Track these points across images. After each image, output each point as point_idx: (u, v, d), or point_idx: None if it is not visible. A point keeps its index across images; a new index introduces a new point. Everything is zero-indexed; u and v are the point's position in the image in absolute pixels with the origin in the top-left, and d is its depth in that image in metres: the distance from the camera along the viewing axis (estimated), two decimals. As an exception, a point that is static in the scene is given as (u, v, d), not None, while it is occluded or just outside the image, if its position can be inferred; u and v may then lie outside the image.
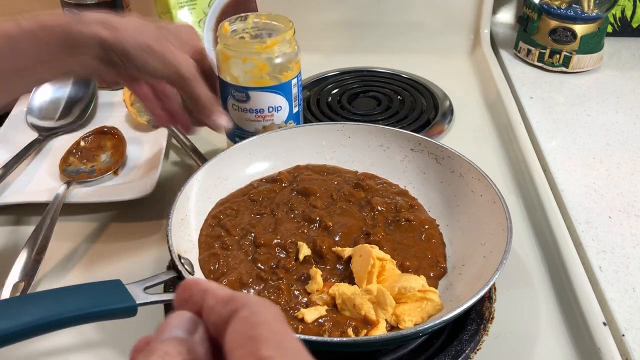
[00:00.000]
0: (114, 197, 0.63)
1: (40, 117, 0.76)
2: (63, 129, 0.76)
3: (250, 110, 0.63)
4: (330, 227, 0.55)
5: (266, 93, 0.62)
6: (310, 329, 0.45)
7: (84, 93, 0.80)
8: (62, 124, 0.76)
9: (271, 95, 0.63)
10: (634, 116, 0.77)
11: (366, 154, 0.64)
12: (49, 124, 0.76)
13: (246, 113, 0.64)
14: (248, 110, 0.63)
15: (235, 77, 0.62)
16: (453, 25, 0.97)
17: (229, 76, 0.62)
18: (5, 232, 0.62)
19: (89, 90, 0.80)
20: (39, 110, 0.77)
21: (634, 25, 0.97)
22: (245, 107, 0.63)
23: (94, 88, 0.80)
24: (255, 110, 0.63)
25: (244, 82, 0.62)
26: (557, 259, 0.56)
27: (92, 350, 0.49)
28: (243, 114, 0.64)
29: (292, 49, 0.63)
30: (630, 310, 0.51)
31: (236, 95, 0.63)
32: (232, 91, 0.63)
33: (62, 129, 0.76)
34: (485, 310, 0.50)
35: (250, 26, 0.64)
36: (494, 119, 0.80)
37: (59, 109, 0.78)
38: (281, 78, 0.62)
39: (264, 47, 0.60)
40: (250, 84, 0.62)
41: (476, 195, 0.56)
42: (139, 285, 0.42)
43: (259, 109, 0.63)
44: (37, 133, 0.74)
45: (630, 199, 0.63)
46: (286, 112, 0.65)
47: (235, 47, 0.61)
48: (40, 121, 0.76)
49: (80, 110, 0.78)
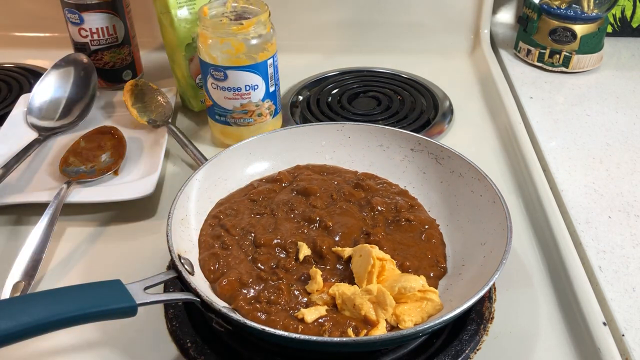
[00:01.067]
0: (114, 197, 0.63)
1: (40, 117, 0.76)
2: (63, 129, 0.76)
3: (228, 88, 0.68)
4: (330, 227, 0.55)
5: (243, 72, 0.67)
6: (310, 329, 0.45)
7: (84, 93, 0.80)
8: (62, 124, 0.76)
9: (248, 74, 0.67)
10: (634, 116, 0.78)
11: (366, 154, 0.64)
12: (49, 124, 0.76)
13: (224, 91, 0.68)
14: (226, 88, 0.68)
15: (213, 57, 0.66)
16: (453, 25, 0.97)
17: (208, 56, 0.67)
18: (5, 232, 0.62)
19: (89, 90, 0.80)
20: (39, 110, 0.77)
21: (633, 25, 0.97)
22: (223, 85, 0.68)
23: (94, 88, 0.80)
24: (232, 88, 0.68)
25: (222, 62, 0.66)
26: (557, 259, 0.56)
27: (92, 350, 0.49)
28: (222, 92, 0.69)
29: (268, 30, 0.68)
30: (630, 310, 0.51)
31: (215, 75, 0.68)
32: (211, 70, 0.68)
33: (62, 129, 0.76)
34: (485, 310, 0.50)
35: (229, 10, 0.69)
36: (494, 119, 0.80)
37: (59, 109, 0.78)
38: (257, 58, 0.67)
39: (240, 28, 0.65)
40: (228, 63, 0.66)
41: (476, 195, 0.56)
42: (139, 285, 0.42)
43: (236, 87, 0.68)
44: (37, 133, 0.74)
45: (630, 199, 0.63)
46: (263, 90, 0.69)
47: (213, 29, 0.65)
48: (40, 121, 0.76)
49: (80, 110, 0.78)
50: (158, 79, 0.88)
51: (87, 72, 0.81)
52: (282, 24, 0.76)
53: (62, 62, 0.81)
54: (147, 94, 0.79)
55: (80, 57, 0.81)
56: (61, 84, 0.80)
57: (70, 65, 0.81)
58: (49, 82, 0.79)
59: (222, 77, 0.67)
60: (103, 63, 0.83)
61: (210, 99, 0.70)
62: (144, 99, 0.79)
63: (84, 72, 0.81)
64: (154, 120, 0.76)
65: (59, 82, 0.80)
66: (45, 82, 0.79)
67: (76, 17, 0.79)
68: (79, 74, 0.80)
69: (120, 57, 0.84)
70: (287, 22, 0.83)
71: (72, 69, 0.81)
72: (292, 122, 0.79)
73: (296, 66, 0.90)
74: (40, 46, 0.99)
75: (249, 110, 0.70)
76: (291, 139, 0.64)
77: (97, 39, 0.81)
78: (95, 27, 0.80)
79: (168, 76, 0.86)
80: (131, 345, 0.50)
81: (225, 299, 0.48)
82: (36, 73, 0.89)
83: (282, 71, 0.73)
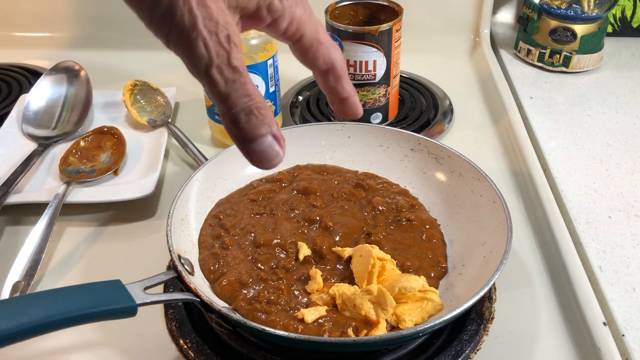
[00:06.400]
0: (114, 197, 0.63)
1: (37, 125, 0.74)
2: (61, 137, 0.74)
3: None
4: (331, 227, 0.55)
5: None
6: (310, 329, 0.45)
7: (79, 101, 0.78)
8: (60, 133, 0.74)
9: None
10: (634, 116, 0.77)
11: (366, 153, 0.64)
12: (46, 133, 0.74)
13: None
14: None
15: None
16: (453, 25, 0.97)
17: None
18: (5, 232, 0.62)
19: (84, 97, 0.78)
20: (34, 117, 0.75)
21: (634, 25, 0.97)
22: None
23: (88, 93, 0.79)
24: None
25: None
26: (557, 259, 0.56)
27: (92, 350, 0.49)
28: None
29: None
30: (630, 310, 0.51)
31: None
32: None
33: (60, 137, 0.74)
34: (485, 310, 0.50)
35: None
36: (494, 119, 0.80)
37: (54, 117, 0.76)
38: (257, 58, 0.67)
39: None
40: None
41: (476, 195, 0.56)
42: (139, 285, 0.42)
43: None
44: (35, 143, 0.72)
45: (630, 199, 0.63)
46: (262, 91, 0.69)
47: None
48: (37, 130, 0.74)
49: (77, 116, 0.76)
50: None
51: (80, 80, 0.80)
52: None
53: (53, 71, 0.80)
54: (147, 94, 0.79)
55: (71, 65, 0.80)
56: (55, 92, 0.78)
57: (62, 72, 0.80)
58: (43, 90, 0.78)
59: None
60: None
61: (210, 100, 0.70)
62: (144, 99, 0.79)
63: (76, 80, 0.80)
64: (154, 120, 0.76)
65: (52, 90, 0.78)
66: (39, 89, 0.78)
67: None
68: (71, 82, 0.80)
69: (373, 98, 0.73)
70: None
71: (65, 77, 0.80)
72: (292, 122, 0.78)
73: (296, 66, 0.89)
74: (40, 46, 0.99)
75: (249, 110, 0.70)
76: (291, 139, 0.63)
77: (353, 72, 0.70)
78: (354, 59, 0.69)
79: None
80: (131, 345, 0.50)
81: (225, 299, 0.48)
82: (36, 73, 0.89)
83: (282, 71, 0.73)
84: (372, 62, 0.69)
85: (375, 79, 0.71)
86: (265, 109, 0.34)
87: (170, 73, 0.82)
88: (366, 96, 0.72)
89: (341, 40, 0.69)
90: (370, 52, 0.68)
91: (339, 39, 0.69)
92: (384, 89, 0.72)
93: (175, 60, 0.33)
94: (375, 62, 0.69)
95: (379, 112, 0.75)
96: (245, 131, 0.33)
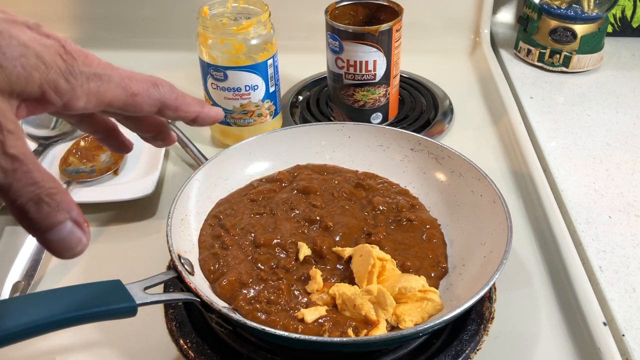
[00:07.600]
0: (114, 197, 0.63)
1: (36, 125, 0.74)
2: (61, 137, 0.74)
3: (228, 88, 0.68)
4: (331, 227, 0.55)
5: (243, 72, 0.67)
6: (310, 329, 0.45)
7: None
8: (60, 133, 0.74)
9: (248, 74, 0.67)
10: (634, 116, 0.77)
11: (366, 153, 0.64)
12: (46, 133, 0.74)
13: (224, 92, 0.69)
14: (226, 88, 0.68)
15: (213, 57, 0.67)
16: (453, 25, 0.97)
17: (208, 56, 0.67)
18: (5, 232, 0.62)
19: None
20: (34, 116, 0.75)
21: (634, 25, 0.97)
22: (223, 85, 0.68)
23: None
24: (232, 88, 0.68)
25: (222, 62, 0.67)
26: (557, 259, 0.56)
27: (92, 350, 0.49)
28: (222, 93, 0.69)
29: (268, 30, 0.68)
30: (630, 310, 0.51)
31: (215, 75, 0.68)
32: (210, 70, 0.68)
33: (60, 137, 0.73)
34: (485, 310, 0.50)
35: (229, 10, 0.69)
36: (494, 118, 0.80)
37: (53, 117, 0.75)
38: (257, 58, 0.67)
39: (240, 28, 0.65)
40: (228, 63, 0.67)
41: (476, 195, 0.56)
42: (139, 285, 0.42)
43: (236, 88, 0.68)
44: (35, 143, 0.72)
45: (630, 199, 0.63)
46: (263, 91, 0.69)
47: (213, 29, 0.65)
48: (37, 130, 0.74)
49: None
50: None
51: None
52: (282, 24, 0.76)
53: None
54: (147, 94, 0.79)
55: None
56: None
57: None
58: None
59: (222, 78, 0.67)
60: (353, 100, 0.73)
61: (210, 99, 0.70)
62: (144, 99, 0.78)
63: None
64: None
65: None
66: None
67: (336, 45, 0.69)
68: None
69: (373, 98, 0.73)
70: (287, 22, 0.83)
71: None
72: (292, 122, 0.78)
73: (296, 66, 0.90)
74: (40, 46, 0.99)
75: (248, 110, 0.70)
76: (291, 139, 0.64)
77: (353, 72, 0.70)
78: (354, 59, 0.69)
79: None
80: (131, 345, 0.50)
81: (225, 299, 0.48)
82: (36, 73, 0.89)
83: (282, 71, 0.73)
84: (372, 62, 0.69)
85: (375, 79, 0.71)
86: (60, 194, 0.31)
87: (170, 73, 0.81)
88: (366, 96, 0.72)
89: (341, 40, 0.68)
90: (370, 52, 0.68)
91: (339, 39, 0.69)
92: (384, 89, 0.72)
93: (176, 61, 0.34)
94: (375, 62, 0.69)
95: (379, 112, 0.75)
96: (37, 221, 0.30)
